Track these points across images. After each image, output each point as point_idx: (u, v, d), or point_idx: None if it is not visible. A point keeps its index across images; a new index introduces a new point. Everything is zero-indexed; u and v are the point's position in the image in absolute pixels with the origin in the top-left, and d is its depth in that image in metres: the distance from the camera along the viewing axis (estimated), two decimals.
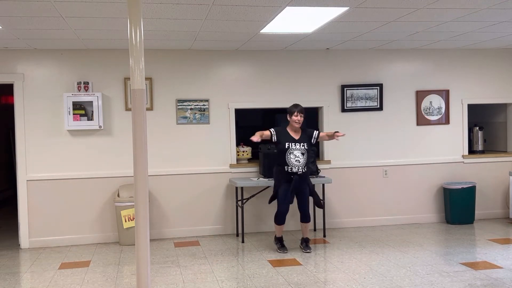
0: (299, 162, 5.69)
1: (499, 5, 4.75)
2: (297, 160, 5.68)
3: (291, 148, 5.70)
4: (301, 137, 5.79)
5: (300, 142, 5.74)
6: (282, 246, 5.90)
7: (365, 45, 6.78)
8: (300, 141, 5.75)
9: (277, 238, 5.98)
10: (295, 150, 5.70)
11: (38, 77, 6.43)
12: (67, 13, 4.63)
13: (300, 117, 5.74)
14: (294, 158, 5.68)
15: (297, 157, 5.68)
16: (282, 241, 5.95)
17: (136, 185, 3.26)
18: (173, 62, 6.72)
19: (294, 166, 5.68)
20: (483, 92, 7.50)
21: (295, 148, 5.70)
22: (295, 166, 5.68)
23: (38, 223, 6.44)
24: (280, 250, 5.84)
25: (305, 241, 5.94)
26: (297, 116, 5.74)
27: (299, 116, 5.74)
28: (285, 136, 5.77)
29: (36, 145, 6.42)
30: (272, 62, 6.97)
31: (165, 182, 6.74)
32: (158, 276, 5.06)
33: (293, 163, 5.68)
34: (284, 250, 5.82)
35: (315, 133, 5.89)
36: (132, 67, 3.22)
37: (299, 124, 5.77)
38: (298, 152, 5.70)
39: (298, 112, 5.75)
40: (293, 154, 5.69)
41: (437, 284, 4.61)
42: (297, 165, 5.68)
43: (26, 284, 5.00)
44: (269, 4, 4.49)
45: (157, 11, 4.60)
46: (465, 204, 7.13)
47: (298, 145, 5.72)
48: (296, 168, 5.68)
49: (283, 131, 5.82)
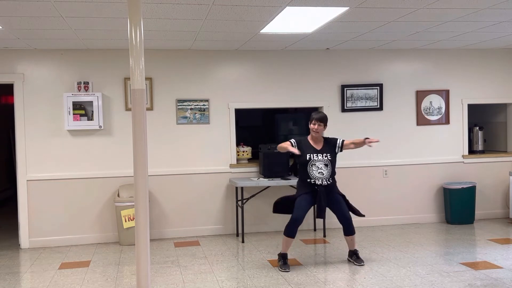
0: (323, 175, 5.20)
1: (499, 5, 4.75)
2: (320, 172, 5.21)
3: (313, 160, 5.23)
4: (324, 147, 5.32)
5: (322, 152, 5.28)
6: (285, 263, 5.21)
7: (365, 45, 6.78)
8: (322, 151, 5.29)
9: (281, 254, 5.29)
10: (317, 162, 5.22)
11: (38, 77, 6.43)
12: (67, 13, 4.63)
13: (318, 125, 5.27)
14: (317, 170, 5.21)
15: (320, 169, 5.21)
16: (286, 258, 5.26)
17: (136, 185, 3.26)
18: (173, 62, 6.72)
19: (318, 179, 5.20)
20: (483, 92, 7.50)
21: (317, 159, 5.23)
22: (318, 179, 5.20)
23: (38, 223, 6.44)
24: (282, 268, 5.15)
25: (354, 253, 5.39)
26: (315, 124, 5.29)
27: (317, 125, 5.27)
28: (306, 146, 5.31)
29: (36, 145, 6.42)
30: (272, 62, 6.97)
31: (165, 182, 6.74)
32: (158, 276, 5.06)
33: (316, 176, 5.21)
34: (286, 269, 5.14)
35: (339, 141, 5.40)
36: (132, 67, 3.22)
37: (316, 134, 5.30)
38: (320, 164, 5.23)
39: (316, 120, 5.28)
40: (315, 165, 5.22)
41: (437, 284, 4.61)
42: (320, 177, 5.20)
43: (26, 284, 5.00)
44: (269, 4, 4.49)
45: (157, 11, 4.60)
46: (465, 204, 7.13)
47: (321, 156, 5.25)
48: (319, 180, 5.20)
49: (304, 141, 5.36)
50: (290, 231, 5.17)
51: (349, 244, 5.42)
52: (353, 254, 5.40)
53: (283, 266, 5.19)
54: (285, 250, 5.27)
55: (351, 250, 5.43)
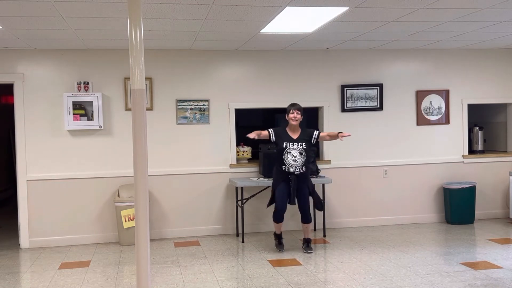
0: (296, 162, 5.64)
1: (499, 5, 4.75)
2: (294, 159, 5.64)
3: (289, 148, 5.66)
4: (300, 137, 5.74)
5: (298, 141, 5.70)
6: (280, 243, 5.93)
7: (365, 45, 6.78)
8: (298, 140, 5.71)
9: (276, 234, 5.99)
10: (292, 150, 5.66)
11: (38, 77, 6.43)
12: (67, 13, 4.63)
13: (297, 113, 5.70)
14: (292, 158, 5.65)
15: (294, 156, 5.64)
16: (280, 238, 5.97)
17: (136, 185, 3.26)
18: (173, 62, 6.72)
19: (291, 166, 5.65)
20: (483, 92, 7.50)
21: (292, 147, 5.66)
22: (292, 166, 5.65)
23: (38, 223, 6.44)
24: (277, 248, 5.89)
25: (306, 241, 5.90)
26: (293, 113, 5.71)
27: (295, 113, 5.70)
28: (283, 135, 5.74)
29: (36, 145, 6.42)
30: (272, 62, 6.97)
31: (165, 182, 6.74)
32: (158, 276, 5.06)
33: (290, 163, 5.65)
34: (280, 249, 5.85)
35: (315, 133, 5.82)
36: (132, 67, 3.21)
37: (296, 121, 5.72)
38: (295, 152, 5.65)
39: (295, 110, 5.72)
40: (290, 153, 5.65)
41: (437, 284, 4.61)
42: (294, 164, 5.64)
43: (26, 284, 5.00)
44: (269, 4, 4.49)
45: (157, 11, 4.60)
46: (465, 204, 7.13)
47: (296, 145, 5.68)
48: (293, 168, 5.65)
49: (281, 131, 5.80)
50: (277, 218, 5.80)
51: (304, 232, 5.92)
52: (305, 241, 5.92)
53: (278, 246, 5.91)
54: (278, 231, 5.95)
55: (304, 238, 5.93)
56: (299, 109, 5.75)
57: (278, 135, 5.76)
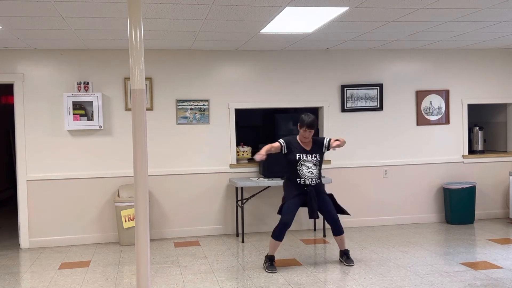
0: (313, 174, 5.23)
1: (499, 5, 4.75)
2: (310, 171, 5.22)
3: (302, 160, 5.23)
4: (313, 148, 5.32)
5: (312, 153, 5.29)
6: (271, 265, 5.19)
7: (365, 45, 6.78)
8: (312, 152, 5.30)
9: (268, 256, 5.26)
10: (307, 162, 5.24)
11: (38, 77, 6.44)
12: (67, 13, 4.63)
13: (309, 132, 5.22)
14: (307, 170, 5.23)
15: (309, 168, 5.23)
16: (272, 260, 5.24)
17: (136, 185, 3.26)
18: (173, 62, 6.72)
19: (308, 178, 5.22)
20: (483, 92, 7.50)
21: (306, 159, 5.24)
22: (308, 178, 5.22)
23: (38, 223, 6.44)
24: (269, 270, 5.13)
25: (345, 253, 5.39)
26: (305, 131, 5.22)
27: (307, 132, 5.22)
28: (296, 146, 5.30)
29: (36, 145, 6.42)
30: (272, 62, 6.97)
31: (165, 182, 6.74)
32: (158, 276, 5.06)
33: (306, 175, 5.22)
34: (273, 270, 5.12)
35: (325, 141, 5.39)
36: (132, 67, 3.22)
37: (307, 140, 5.31)
38: (310, 163, 5.25)
39: (307, 128, 5.20)
40: (305, 165, 5.24)
41: (437, 284, 4.61)
42: (310, 177, 5.22)
43: (26, 284, 5.00)
44: (269, 4, 4.49)
45: (157, 11, 4.60)
46: (465, 204, 7.13)
47: (310, 156, 5.26)
48: (309, 180, 5.22)
49: (293, 141, 5.34)
50: (279, 235, 5.15)
51: (339, 244, 5.44)
52: (343, 254, 5.42)
53: (270, 267, 5.17)
54: (272, 253, 5.26)
55: (342, 250, 5.44)
56: (312, 126, 5.22)
57: (289, 147, 5.30)
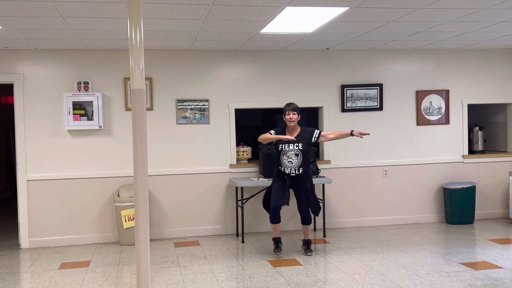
0: (292, 164, 5.52)
1: (499, 5, 4.75)
2: (289, 161, 5.53)
3: (284, 150, 5.55)
4: (297, 137, 5.56)
5: (295, 142, 5.54)
6: (277, 247, 5.70)
7: (365, 45, 6.78)
8: (295, 141, 5.55)
9: (273, 238, 5.78)
10: (288, 151, 5.53)
11: (38, 77, 6.43)
12: (67, 13, 4.63)
13: (293, 114, 5.56)
14: (287, 159, 5.53)
15: (289, 158, 5.52)
16: (277, 242, 5.73)
17: (136, 185, 3.26)
18: (173, 62, 6.72)
19: (287, 167, 5.54)
20: (483, 92, 7.50)
21: (288, 149, 5.53)
22: (287, 168, 5.54)
23: (38, 223, 6.44)
24: (274, 251, 5.68)
25: (306, 243, 5.78)
26: (289, 114, 5.57)
27: (291, 114, 5.56)
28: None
29: (36, 145, 6.42)
30: (272, 62, 6.97)
31: (165, 182, 6.74)
32: (158, 276, 5.06)
33: (286, 164, 5.55)
34: (278, 252, 5.65)
35: (315, 132, 5.64)
36: (132, 67, 3.22)
37: (292, 123, 5.59)
38: (291, 153, 5.52)
39: (290, 111, 5.58)
40: (286, 155, 5.54)
41: (437, 284, 4.61)
42: (289, 166, 5.53)
43: (26, 284, 5.00)
44: (269, 4, 4.49)
45: (157, 11, 4.60)
46: (465, 204, 7.13)
47: (292, 146, 5.53)
48: (288, 169, 5.54)
49: (281, 132, 5.67)
50: (273, 219, 5.61)
51: (304, 233, 5.80)
52: (305, 243, 5.81)
53: (276, 249, 5.69)
54: (276, 235, 5.74)
55: (304, 239, 5.81)
56: (295, 109, 5.61)
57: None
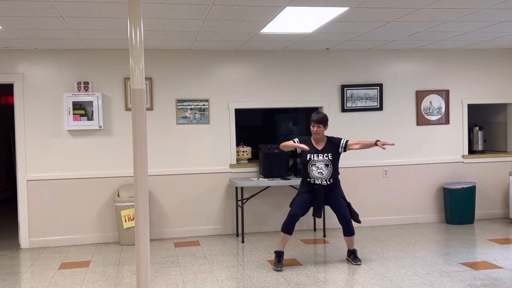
0: (322, 175, 5.24)
1: (499, 5, 4.75)
2: (319, 172, 5.25)
3: (313, 160, 5.27)
4: (325, 147, 5.33)
5: (323, 152, 5.30)
6: (278, 261, 5.23)
7: (365, 45, 6.78)
8: (323, 151, 5.31)
9: (277, 251, 5.30)
10: (317, 162, 5.26)
11: (38, 77, 6.43)
12: (67, 13, 4.63)
13: (318, 127, 5.31)
14: (317, 170, 5.25)
15: (319, 169, 5.25)
16: (280, 256, 5.27)
17: (136, 185, 3.26)
18: (173, 62, 6.72)
19: (317, 178, 5.25)
20: (483, 92, 7.50)
21: (317, 159, 5.27)
22: (317, 179, 5.25)
23: (38, 223, 6.44)
24: (275, 267, 5.17)
25: (352, 253, 5.42)
26: (314, 126, 5.33)
27: (316, 127, 5.31)
28: (308, 146, 5.29)
29: (36, 145, 6.42)
30: (272, 62, 6.97)
31: (165, 182, 6.74)
32: (158, 276, 5.06)
33: (316, 176, 5.26)
34: (279, 267, 5.16)
35: (342, 141, 5.38)
36: (132, 67, 3.21)
37: (316, 135, 5.36)
38: (321, 164, 5.26)
39: (315, 123, 5.31)
40: (315, 166, 5.26)
41: (437, 284, 4.61)
42: (320, 177, 5.25)
43: (26, 284, 5.00)
44: (269, 4, 4.49)
45: (157, 11, 4.60)
46: (465, 204, 7.13)
47: (321, 156, 5.28)
48: (319, 180, 5.25)
49: (306, 141, 5.40)
50: (287, 227, 5.22)
51: (348, 244, 5.46)
52: (351, 253, 5.45)
53: (277, 264, 5.22)
54: (281, 248, 5.30)
55: (350, 250, 5.47)
56: (321, 121, 5.32)
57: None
